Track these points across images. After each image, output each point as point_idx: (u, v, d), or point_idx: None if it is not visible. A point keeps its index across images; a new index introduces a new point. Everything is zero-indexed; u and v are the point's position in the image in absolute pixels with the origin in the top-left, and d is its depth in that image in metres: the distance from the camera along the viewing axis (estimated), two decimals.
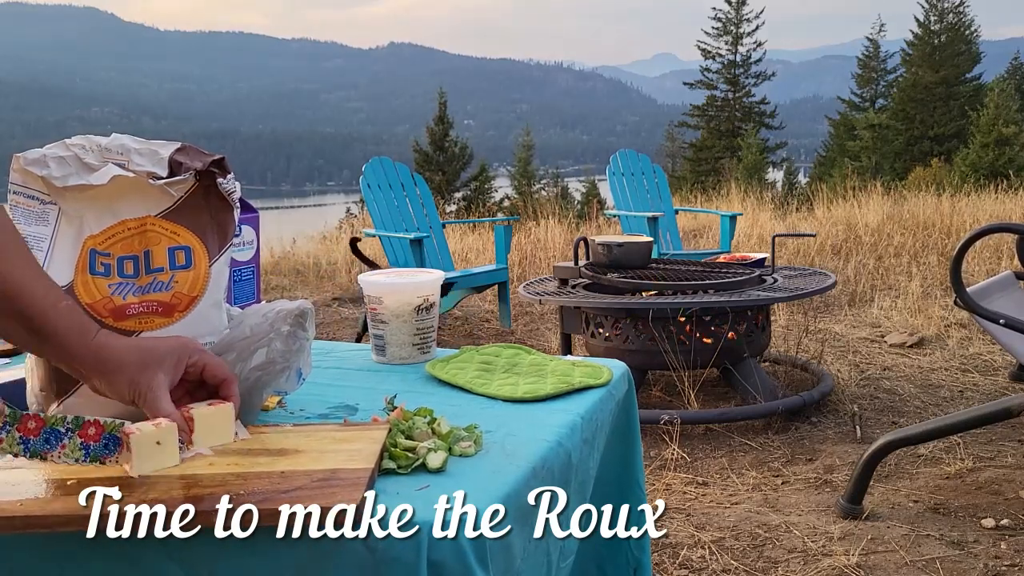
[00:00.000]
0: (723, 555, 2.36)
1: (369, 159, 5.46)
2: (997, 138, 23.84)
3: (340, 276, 7.36)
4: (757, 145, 31.95)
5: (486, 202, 25.18)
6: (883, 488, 2.77)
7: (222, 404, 1.05)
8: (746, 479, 2.90)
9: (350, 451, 1.00)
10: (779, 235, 3.95)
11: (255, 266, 1.61)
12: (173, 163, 1.17)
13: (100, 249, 1.12)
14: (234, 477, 0.93)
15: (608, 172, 6.37)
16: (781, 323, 5.10)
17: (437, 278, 1.50)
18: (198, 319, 1.15)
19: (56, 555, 0.93)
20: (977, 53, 37.91)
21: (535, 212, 10.28)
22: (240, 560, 0.89)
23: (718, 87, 42.30)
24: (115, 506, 0.86)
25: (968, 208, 9.39)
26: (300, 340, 1.15)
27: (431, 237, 5.29)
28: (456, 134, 32.43)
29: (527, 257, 7.79)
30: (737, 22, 42.56)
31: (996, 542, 2.38)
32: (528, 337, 5.14)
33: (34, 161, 1.11)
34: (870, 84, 41.17)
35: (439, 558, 0.85)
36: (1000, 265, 6.61)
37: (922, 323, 4.94)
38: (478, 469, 1.00)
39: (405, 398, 1.26)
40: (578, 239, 3.89)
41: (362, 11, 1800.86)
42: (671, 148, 46.30)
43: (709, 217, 9.30)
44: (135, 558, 0.91)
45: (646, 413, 3.28)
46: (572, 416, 1.20)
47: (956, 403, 3.68)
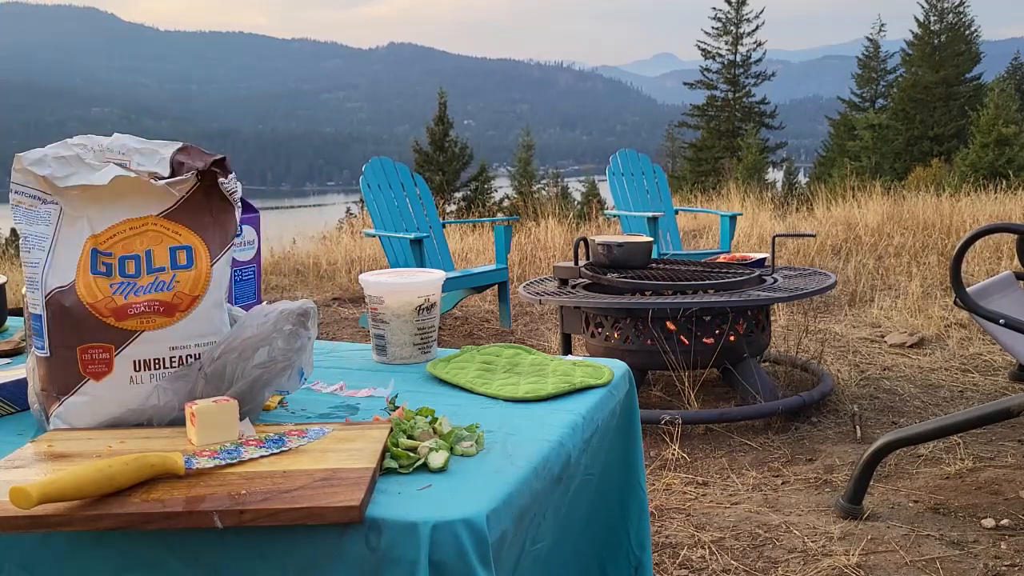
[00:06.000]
0: (723, 555, 2.36)
1: (369, 159, 5.46)
2: (997, 138, 23.81)
3: (340, 276, 7.36)
4: (757, 145, 31.92)
5: (486, 202, 25.16)
6: (883, 488, 2.77)
7: (226, 401, 1.05)
8: (746, 479, 2.91)
9: (351, 451, 1.00)
10: (779, 235, 3.95)
11: (256, 266, 1.61)
12: (175, 163, 1.18)
13: (102, 249, 1.12)
14: (236, 476, 0.93)
15: (608, 172, 6.37)
16: (781, 323, 5.10)
17: (438, 278, 1.50)
18: (199, 319, 1.15)
19: (56, 554, 0.93)
20: (977, 53, 37.88)
21: (535, 212, 10.27)
22: (243, 559, 0.89)
23: (718, 87, 42.26)
24: (118, 506, 0.86)
25: (968, 208, 9.38)
26: (302, 339, 1.16)
27: (431, 237, 5.29)
28: (456, 134, 32.38)
29: (527, 257, 7.78)
30: (737, 22, 42.53)
31: (996, 542, 2.38)
32: (528, 337, 5.14)
33: (36, 161, 1.11)
34: (870, 84, 41.15)
35: (440, 558, 0.85)
36: (1000, 265, 6.61)
37: (922, 323, 4.94)
38: (480, 469, 1.00)
39: (406, 398, 1.26)
40: (578, 239, 3.89)
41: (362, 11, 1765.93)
42: (671, 148, 46.24)
43: (709, 217, 9.30)
44: (139, 555, 0.91)
45: (646, 413, 3.28)
46: (573, 416, 1.20)
47: (956, 403, 3.68)
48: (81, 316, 1.10)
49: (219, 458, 0.97)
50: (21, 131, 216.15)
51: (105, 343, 1.10)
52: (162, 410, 1.12)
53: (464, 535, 0.86)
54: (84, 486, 0.85)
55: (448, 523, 0.86)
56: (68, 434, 1.09)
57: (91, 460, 0.96)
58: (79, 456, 1.00)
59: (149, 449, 1.00)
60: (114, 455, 0.95)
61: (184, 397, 1.11)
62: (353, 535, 0.87)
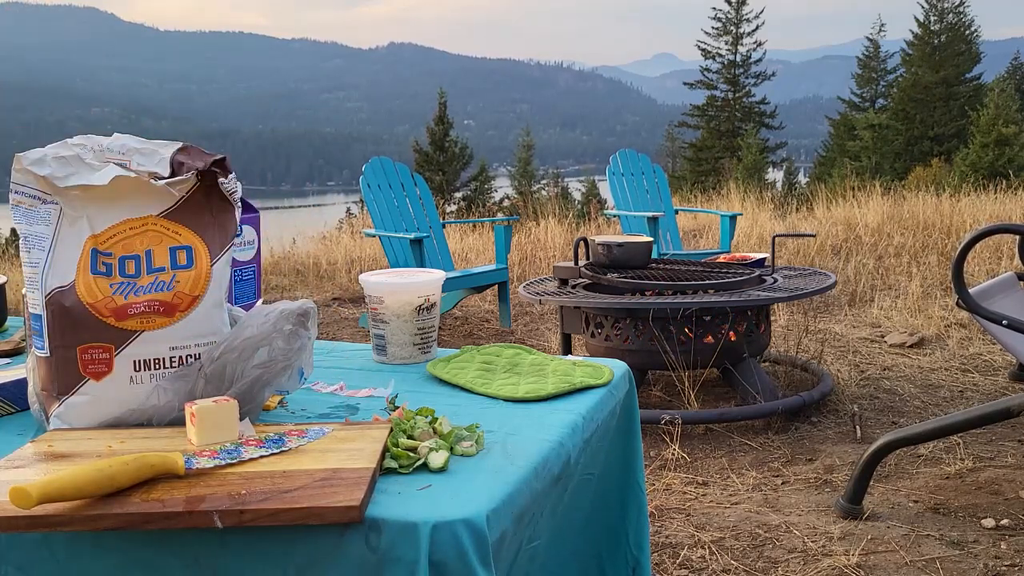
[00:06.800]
0: (723, 555, 2.36)
1: (369, 159, 5.46)
2: (997, 138, 23.80)
3: (340, 276, 7.36)
4: (757, 145, 31.91)
5: (486, 202, 25.16)
6: (883, 488, 2.77)
7: (226, 401, 1.05)
8: (746, 479, 2.91)
9: (351, 451, 1.00)
10: (779, 235, 3.95)
11: (256, 266, 1.61)
12: (175, 163, 1.18)
13: (102, 249, 1.12)
14: (236, 476, 0.93)
15: (608, 172, 6.37)
16: (781, 323, 5.10)
17: (438, 278, 1.50)
18: (199, 319, 1.15)
19: (56, 554, 0.93)
20: (977, 53, 37.87)
21: (535, 212, 10.27)
22: (243, 559, 0.89)
23: (718, 87, 42.25)
24: (118, 506, 0.86)
25: (968, 208, 9.38)
26: (302, 339, 1.16)
27: (431, 237, 5.29)
28: (456, 134, 32.39)
29: (527, 257, 7.78)
30: (737, 22, 42.52)
31: (996, 542, 2.38)
32: (528, 337, 5.14)
33: (36, 161, 1.11)
34: (870, 84, 41.14)
35: (440, 558, 0.85)
36: (1000, 265, 6.60)
37: (922, 323, 4.94)
38: (480, 469, 1.00)
39: (406, 398, 1.26)
40: (578, 239, 3.89)
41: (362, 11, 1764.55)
42: (671, 148, 46.24)
43: (709, 217, 9.30)
44: (139, 556, 0.91)
45: (646, 413, 3.28)
46: (573, 416, 1.20)
47: (956, 403, 3.68)
48: (81, 316, 1.10)
49: (219, 458, 0.97)
50: (21, 131, 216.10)
51: (105, 343, 1.10)
52: (162, 410, 1.12)
53: (464, 535, 0.86)
54: (84, 486, 0.85)
55: (448, 523, 0.86)
56: (68, 434, 1.08)
57: (91, 460, 0.95)
58: (79, 456, 1.00)
59: (149, 449, 1.00)
60: (114, 455, 0.95)
61: (184, 397, 1.11)
62: (353, 535, 0.87)
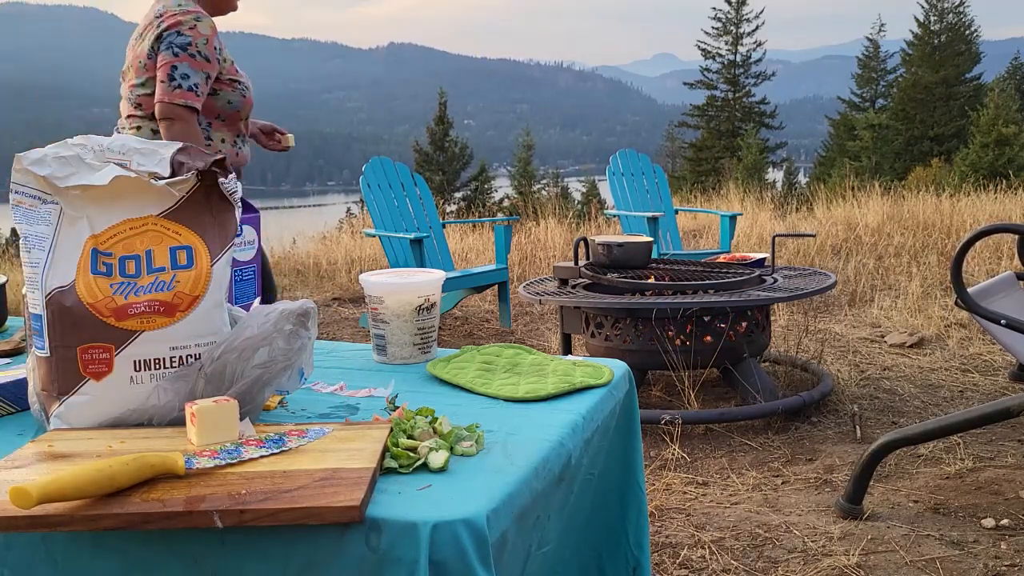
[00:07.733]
0: (723, 555, 2.36)
1: (369, 159, 5.46)
2: (997, 138, 23.79)
3: (340, 276, 7.35)
4: (757, 145, 31.91)
5: (486, 202, 25.17)
6: (883, 488, 2.77)
7: (226, 401, 1.05)
8: (746, 479, 2.91)
9: (351, 451, 1.00)
10: (779, 235, 3.95)
11: (256, 266, 1.61)
12: (175, 163, 1.18)
13: (102, 249, 1.12)
14: (236, 476, 0.93)
15: (608, 172, 6.37)
16: (781, 323, 5.10)
17: (438, 278, 1.50)
18: (200, 318, 1.15)
19: (55, 554, 0.93)
20: (977, 53, 37.87)
21: (535, 212, 10.27)
22: (243, 559, 0.89)
23: (718, 87, 42.25)
24: (118, 506, 0.86)
25: (968, 208, 9.38)
26: (302, 339, 1.16)
27: (431, 237, 5.29)
28: (456, 134, 32.41)
29: (527, 257, 7.78)
30: (737, 22, 42.52)
31: (996, 542, 2.38)
32: (528, 337, 5.14)
33: (36, 161, 1.11)
34: (870, 84, 41.14)
35: (440, 558, 0.85)
36: (1000, 265, 6.60)
37: (922, 323, 4.94)
38: (480, 469, 1.00)
39: (406, 398, 1.26)
40: (578, 239, 3.89)
41: (362, 11, 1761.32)
42: (671, 148, 46.24)
43: (709, 217, 9.30)
44: (139, 556, 0.91)
45: (646, 413, 3.28)
46: (573, 416, 1.20)
47: (956, 403, 3.68)
48: (81, 316, 1.10)
49: (219, 458, 0.97)
50: (21, 131, 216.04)
51: (105, 343, 1.10)
52: (162, 410, 1.12)
53: (464, 535, 0.86)
54: (84, 486, 0.85)
55: (448, 523, 0.86)
56: (68, 434, 1.08)
57: (91, 460, 0.95)
58: (79, 456, 1.00)
59: (149, 449, 1.00)
60: (114, 455, 0.95)
61: (184, 397, 1.11)
62: (353, 535, 0.87)
